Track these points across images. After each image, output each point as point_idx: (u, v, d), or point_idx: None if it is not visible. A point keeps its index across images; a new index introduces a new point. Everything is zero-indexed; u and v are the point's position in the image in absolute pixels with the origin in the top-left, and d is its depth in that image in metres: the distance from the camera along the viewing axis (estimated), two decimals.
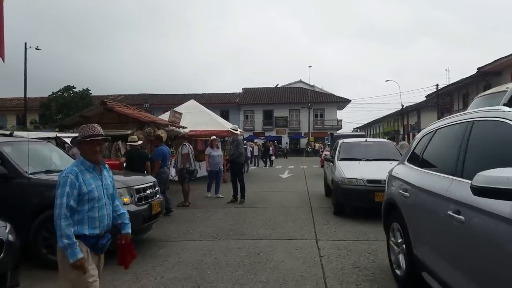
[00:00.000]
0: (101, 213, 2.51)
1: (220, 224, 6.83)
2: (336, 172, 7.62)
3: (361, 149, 8.73)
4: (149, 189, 5.40)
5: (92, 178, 2.50)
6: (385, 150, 8.70)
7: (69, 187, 2.36)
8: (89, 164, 2.51)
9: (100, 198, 2.50)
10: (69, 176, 2.40)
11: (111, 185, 2.66)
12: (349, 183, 7.04)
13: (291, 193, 10.88)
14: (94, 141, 2.50)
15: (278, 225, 6.64)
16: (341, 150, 8.74)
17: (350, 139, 10.07)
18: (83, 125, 2.57)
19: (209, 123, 15.44)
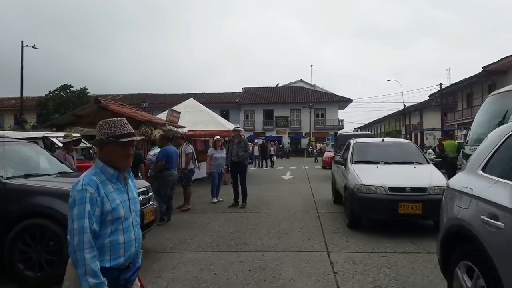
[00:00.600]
0: (128, 237, 1.88)
1: (220, 231, 6.26)
2: (350, 178, 6.56)
3: (378, 151, 7.61)
4: (141, 195, 4.83)
5: (117, 190, 1.87)
6: (406, 151, 7.62)
7: (90, 205, 1.73)
8: (112, 172, 1.87)
9: (127, 217, 1.88)
10: (88, 189, 1.75)
11: (138, 198, 2.06)
12: (367, 191, 5.98)
13: (295, 197, 10.32)
14: (130, 143, 1.90)
15: (284, 233, 6.07)
16: (355, 151, 7.55)
17: (363, 139, 9.04)
18: (106, 120, 1.92)
19: (209, 122, 14.88)
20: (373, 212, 6.00)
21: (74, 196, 1.75)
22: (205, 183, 13.91)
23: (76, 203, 1.73)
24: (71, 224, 1.72)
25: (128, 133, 1.88)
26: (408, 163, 6.97)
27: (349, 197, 6.37)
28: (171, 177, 7.13)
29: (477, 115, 11.62)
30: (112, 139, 1.84)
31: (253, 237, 5.82)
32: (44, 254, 4.09)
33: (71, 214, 1.73)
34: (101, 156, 1.90)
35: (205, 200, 9.63)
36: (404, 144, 8.34)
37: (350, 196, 6.30)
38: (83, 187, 1.75)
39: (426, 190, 5.78)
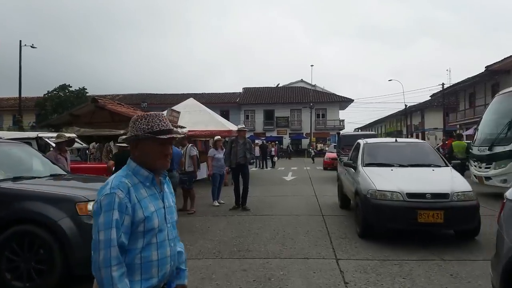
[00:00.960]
0: (162, 253, 1.56)
1: (222, 236, 5.97)
2: (362, 182, 5.97)
3: (391, 152, 6.99)
4: None
5: (151, 196, 1.57)
6: (422, 152, 7.00)
7: (118, 212, 1.45)
8: (146, 175, 1.58)
9: (162, 228, 1.57)
10: (117, 193, 1.47)
11: (174, 207, 1.74)
12: (382, 197, 5.37)
13: (298, 199, 10.02)
14: (170, 141, 1.63)
15: (288, 238, 5.77)
16: (365, 153, 6.90)
17: (374, 139, 8.48)
18: (143, 114, 1.65)
19: (209, 122, 14.59)
20: (388, 220, 5.36)
21: (100, 201, 1.46)
22: (205, 184, 13.61)
23: (102, 210, 1.44)
24: (96, 235, 1.43)
25: (167, 129, 1.60)
26: (425, 165, 6.40)
27: (361, 204, 5.74)
28: (172, 178, 6.82)
29: (485, 115, 11.36)
30: (150, 135, 1.55)
31: (256, 243, 5.53)
32: (34, 263, 3.80)
33: (96, 222, 1.44)
34: (134, 155, 1.60)
35: (206, 202, 9.33)
36: (419, 145, 7.69)
37: (362, 202, 5.69)
38: (111, 191, 1.47)
39: (448, 196, 5.22)
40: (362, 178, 6.05)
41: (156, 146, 1.57)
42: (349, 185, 7.08)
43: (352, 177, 6.84)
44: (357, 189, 6.08)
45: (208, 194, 10.91)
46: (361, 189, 5.85)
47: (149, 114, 1.62)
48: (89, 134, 9.73)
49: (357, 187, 6.16)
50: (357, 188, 6.10)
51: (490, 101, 30.27)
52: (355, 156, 7.33)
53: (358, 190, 6.04)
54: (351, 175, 6.99)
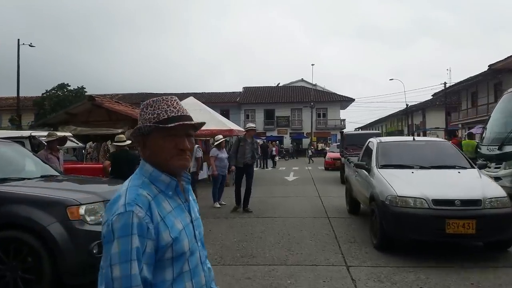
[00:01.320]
0: (197, 282, 1.21)
1: (224, 241, 5.67)
2: (378, 186, 5.28)
3: (409, 152, 6.22)
4: None
5: (176, 210, 1.20)
6: (443, 153, 6.26)
7: (139, 237, 1.07)
8: (168, 181, 1.20)
9: (193, 250, 1.21)
10: (135, 211, 1.08)
11: (201, 221, 1.36)
12: (403, 204, 4.64)
13: (302, 200, 9.72)
14: (183, 129, 1.21)
15: (294, 242, 5.47)
16: (380, 153, 6.16)
17: (389, 138, 7.91)
18: (149, 100, 1.25)
19: (209, 122, 14.19)
20: (412, 231, 4.66)
21: (112, 223, 1.07)
22: (206, 185, 13.32)
23: (115, 235, 1.05)
24: (109, 271, 1.04)
25: (178, 116, 1.20)
26: (449, 167, 5.68)
27: (378, 212, 5.01)
28: None
29: (493, 114, 11.02)
30: (155, 126, 1.17)
31: (260, 248, 5.23)
32: (20, 272, 3.50)
33: (108, 253, 1.06)
34: (145, 156, 1.23)
35: (206, 204, 9.02)
36: (440, 144, 6.93)
37: (379, 209, 4.96)
38: (127, 208, 1.07)
39: (481, 203, 4.54)
40: (379, 182, 5.34)
41: (167, 140, 1.18)
42: (361, 189, 6.40)
43: (365, 180, 6.11)
44: (373, 194, 5.35)
45: (209, 195, 10.61)
46: (378, 194, 5.13)
47: (156, 99, 1.23)
48: (86, 133, 9.44)
49: (372, 191, 5.43)
50: (373, 193, 5.37)
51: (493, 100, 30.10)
52: (367, 157, 6.64)
53: (374, 196, 5.30)
54: (363, 177, 6.27)
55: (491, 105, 28.83)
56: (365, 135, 14.83)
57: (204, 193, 11.00)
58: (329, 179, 14.96)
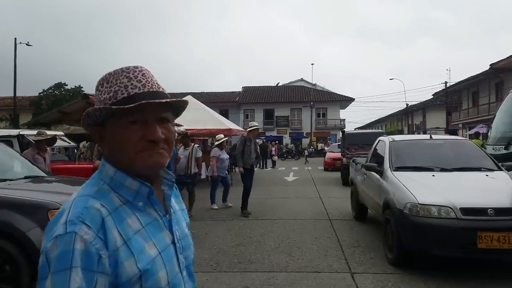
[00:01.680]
0: None
1: (220, 245, 5.38)
2: (394, 191, 4.53)
3: (427, 152, 5.51)
4: None
5: (149, 228, 0.84)
6: (466, 153, 5.52)
7: (83, 273, 0.71)
8: (137, 187, 0.85)
9: (175, 284, 0.85)
10: (79, 232, 0.73)
11: (189, 236, 0.99)
12: (426, 214, 3.92)
13: (302, 201, 9.44)
14: (152, 111, 0.84)
15: (295, 247, 5.19)
16: (393, 153, 5.39)
17: (402, 136, 7.23)
18: (106, 74, 0.89)
19: (207, 121, 13.99)
20: (436, 246, 3.94)
21: (47, 251, 0.74)
22: (204, 185, 13.04)
23: (50, 270, 0.72)
24: None
25: (143, 93, 0.85)
26: (474, 169, 4.98)
27: (394, 221, 4.28)
28: None
29: (498, 113, 10.74)
30: (108, 109, 0.82)
31: (258, 252, 4.94)
32: None
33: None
34: (105, 153, 0.89)
35: (204, 206, 8.74)
36: (461, 143, 6.09)
37: (396, 220, 4.23)
38: (67, 229, 0.74)
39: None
40: (395, 187, 4.60)
41: (130, 129, 0.83)
42: (371, 194, 5.63)
43: (376, 184, 5.31)
44: (388, 201, 4.60)
45: (207, 196, 10.33)
46: (394, 201, 4.37)
47: (114, 71, 0.88)
48: (79, 133, 9.15)
49: (386, 198, 4.68)
50: (388, 199, 4.62)
51: (494, 100, 29.80)
52: (376, 158, 5.91)
53: (389, 203, 4.54)
54: (374, 181, 5.47)
55: (492, 105, 28.64)
56: (367, 135, 14.48)
57: (202, 194, 10.71)
58: (330, 179, 14.67)
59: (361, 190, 6.45)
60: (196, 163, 7.60)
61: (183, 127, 11.80)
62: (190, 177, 7.45)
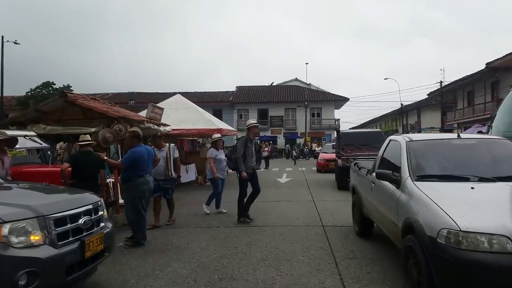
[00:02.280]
0: None
1: (201, 257, 4.85)
2: (420, 210, 3.24)
3: (457, 156, 4.22)
4: (83, 216, 3.41)
5: None
6: (508, 156, 4.21)
7: None
8: None
9: None
10: None
11: None
12: (472, 246, 2.70)
13: (295, 204, 8.93)
14: None
15: (284, 259, 4.67)
16: (413, 158, 4.05)
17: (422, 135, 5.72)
18: None
19: (197, 120, 13.46)
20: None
21: None
22: (192, 188, 12.52)
23: None
24: None
25: None
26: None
27: (423, 254, 2.98)
28: (145, 185, 5.60)
29: (498, 112, 10.32)
30: None
31: (243, 267, 4.42)
32: None
33: None
34: None
35: (189, 211, 8.21)
36: (497, 143, 4.53)
37: (426, 252, 2.94)
38: None
39: None
40: (421, 203, 3.29)
41: None
42: (383, 208, 4.42)
43: (390, 197, 4.02)
44: (411, 223, 3.27)
45: (194, 200, 9.86)
46: (422, 224, 3.07)
47: None
48: (56, 133, 8.54)
49: (408, 218, 3.36)
50: (410, 220, 3.29)
51: (490, 99, 29.49)
52: (388, 163, 4.60)
53: (413, 225, 3.22)
54: (387, 193, 4.16)
55: (488, 104, 28.38)
56: (364, 134, 13.75)
57: (189, 198, 10.22)
58: (324, 181, 14.20)
59: (367, 202, 5.24)
60: (175, 164, 6.91)
61: (170, 127, 11.26)
62: (170, 181, 6.79)
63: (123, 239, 5.60)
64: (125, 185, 5.57)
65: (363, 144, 11.74)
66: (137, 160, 5.52)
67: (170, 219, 6.84)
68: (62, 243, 3.09)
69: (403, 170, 3.96)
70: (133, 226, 5.50)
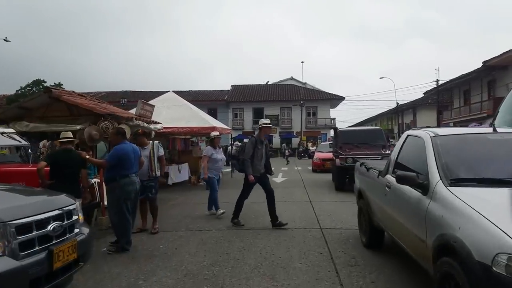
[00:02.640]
0: None
1: (190, 264, 4.46)
2: (460, 224, 2.47)
3: (500, 155, 3.38)
4: (53, 222, 3.00)
5: None
6: None
7: None
8: None
9: None
10: None
11: None
12: None
13: (291, 205, 8.55)
14: None
15: (279, 267, 4.30)
16: (443, 157, 3.23)
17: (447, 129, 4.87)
18: None
19: (190, 118, 13.02)
20: None
21: None
22: (185, 188, 12.11)
23: None
24: None
25: None
26: None
27: (470, 286, 2.23)
28: (130, 186, 5.18)
29: (500, 110, 10.04)
30: None
31: (235, 276, 4.03)
32: None
33: None
34: None
35: (181, 212, 7.82)
36: None
37: (477, 283, 2.19)
38: None
39: None
40: (463, 216, 2.51)
41: None
42: (403, 219, 3.55)
43: (415, 205, 3.20)
44: (448, 242, 2.54)
45: (186, 201, 9.49)
46: (466, 244, 2.31)
47: None
48: (40, 130, 8.10)
49: (444, 235, 2.60)
50: (447, 238, 2.55)
51: (486, 98, 29.26)
52: (409, 163, 3.82)
53: (453, 246, 2.45)
54: (409, 200, 3.35)
55: (484, 103, 28.21)
56: (363, 132, 13.14)
57: (181, 199, 9.82)
58: (320, 181, 13.85)
59: (378, 209, 4.45)
60: (160, 163, 6.37)
61: (161, 125, 10.83)
62: (154, 180, 6.22)
63: (107, 243, 5.22)
64: (109, 185, 5.17)
65: (362, 142, 11.36)
66: (122, 158, 5.12)
67: (155, 227, 6.14)
68: (25, 254, 2.69)
69: (431, 172, 3.13)
70: (117, 230, 5.09)
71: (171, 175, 12.11)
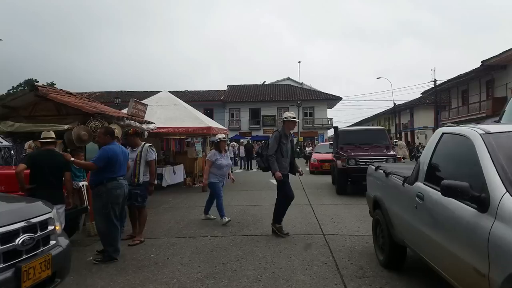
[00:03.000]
0: None
1: (182, 276, 4.06)
2: None
3: None
4: (22, 234, 2.60)
5: None
6: None
7: None
8: None
9: None
10: None
11: None
12: None
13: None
14: None
15: (281, 279, 3.91)
16: (503, 160, 2.41)
17: (500, 127, 3.20)
18: None
19: (185, 118, 12.61)
20: None
21: None
22: (179, 190, 11.70)
23: None
24: None
25: None
26: None
27: None
28: (118, 189, 4.78)
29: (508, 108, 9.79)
30: None
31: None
32: None
33: None
34: None
35: (173, 217, 7.41)
36: None
37: None
38: None
39: None
40: None
41: None
42: (447, 243, 2.69)
43: (469, 227, 2.41)
44: None
45: (180, 204, 9.08)
46: None
47: None
48: (26, 130, 7.67)
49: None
50: None
51: (485, 98, 29.01)
52: (448, 169, 3.12)
53: None
54: (459, 219, 2.53)
55: (483, 103, 27.99)
56: (366, 132, 12.64)
57: (174, 202, 9.42)
58: (320, 183, 13.48)
59: (404, 225, 3.62)
60: (149, 169, 5.74)
61: (154, 125, 10.41)
62: (139, 187, 5.57)
63: (94, 252, 4.83)
64: (95, 189, 4.75)
65: (364, 143, 10.97)
66: (112, 159, 4.72)
67: (136, 239, 5.47)
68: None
69: (490, 182, 2.35)
70: (103, 238, 4.68)
71: (165, 176, 11.71)
